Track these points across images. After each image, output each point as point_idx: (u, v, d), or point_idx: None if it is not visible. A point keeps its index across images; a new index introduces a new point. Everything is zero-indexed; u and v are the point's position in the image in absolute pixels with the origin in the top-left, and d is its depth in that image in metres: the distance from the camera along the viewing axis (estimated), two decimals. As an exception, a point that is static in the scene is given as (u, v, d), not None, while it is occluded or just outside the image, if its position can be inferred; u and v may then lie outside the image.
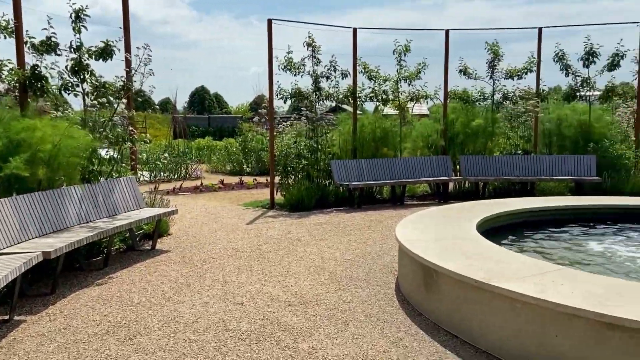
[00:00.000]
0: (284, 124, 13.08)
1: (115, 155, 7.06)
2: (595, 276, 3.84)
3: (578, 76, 11.13)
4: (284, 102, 10.89)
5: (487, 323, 3.69)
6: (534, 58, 11.22)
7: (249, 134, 17.75)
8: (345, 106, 13.69)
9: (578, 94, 11.32)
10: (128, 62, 7.53)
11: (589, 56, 10.79)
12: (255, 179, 14.01)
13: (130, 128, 7.35)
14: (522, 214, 6.71)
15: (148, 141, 8.25)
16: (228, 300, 4.82)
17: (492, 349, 3.64)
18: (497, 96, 11.58)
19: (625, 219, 6.72)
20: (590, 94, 11.43)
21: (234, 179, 14.33)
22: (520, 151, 11.71)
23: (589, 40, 10.75)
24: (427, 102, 12.46)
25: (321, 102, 10.79)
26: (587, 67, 10.94)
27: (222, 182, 13.37)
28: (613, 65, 10.79)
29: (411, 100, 11.36)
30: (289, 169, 10.40)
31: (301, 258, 6.29)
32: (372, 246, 6.82)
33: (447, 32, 11.15)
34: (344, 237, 7.40)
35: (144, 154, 14.74)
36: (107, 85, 6.94)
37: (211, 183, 13.31)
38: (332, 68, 10.49)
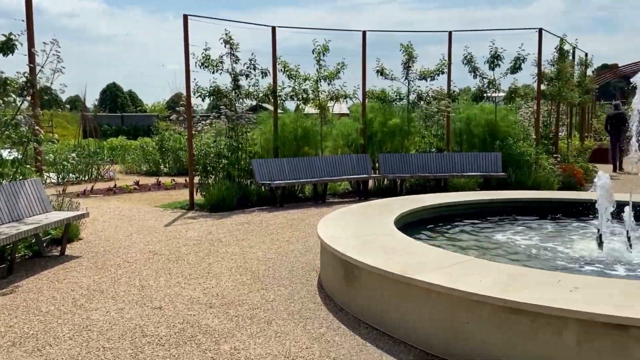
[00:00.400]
0: (203, 122, 12.80)
1: (19, 157, 6.58)
2: (501, 265, 4.11)
3: (485, 78, 11.84)
4: (203, 100, 10.66)
5: (405, 314, 3.83)
6: (445, 60, 11.80)
7: (166, 133, 17.19)
8: (266, 105, 13.67)
9: (485, 94, 12.07)
10: (32, 57, 7.03)
11: (494, 59, 11.51)
12: (174, 180, 13.59)
13: (36, 127, 6.87)
14: (436, 208, 7.03)
15: (55, 141, 7.75)
16: (145, 305, 4.65)
17: (410, 339, 3.79)
18: (412, 96, 12.05)
19: (526, 211, 7.24)
20: (496, 95, 12.20)
21: (150, 180, 13.81)
22: (434, 149, 12.26)
23: (494, 44, 11.47)
24: (346, 101, 12.72)
25: (241, 100, 10.66)
26: (493, 69, 11.66)
27: (137, 183, 12.85)
28: (515, 68, 11.59)
29: (331, 99, 11.54)
30: (209, 168, 10.20)
31: (222, 259, 6.19)
32: (294, 244, 6.86)
33: (364, 33, 11.43)
34: (267, 236, 7.38)
35: (51, 155, 13.82)
36: (8, 82, 6.43)
37: (126, 184, 12.74)
38: (252, 66, 10.41)
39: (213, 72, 10.12)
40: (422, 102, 12.26)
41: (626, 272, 4.68)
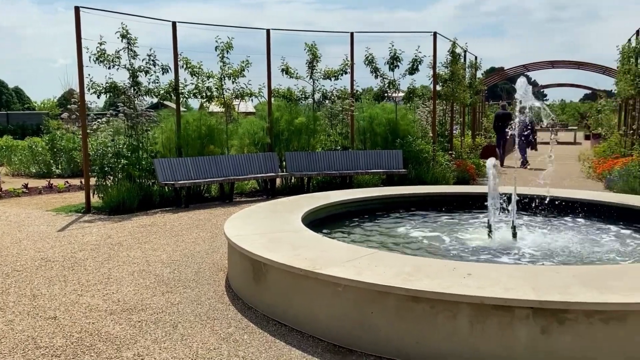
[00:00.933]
0: (99, 120, 12.10)
1: None
2: (403, 257, 4.32)
3: (385, 78, 12.33)
4: (98, 97, 10.05)
5: (314, 309, 3.90)
6: (348, 61, 12.12)
7: (57, 132, 16.03)
8: (167, 102, 13.19)
9: (386, 94, 12.56)
10: None
11: (393, 60, 12.01)
12: (67, 182, 12.70)
13: None
14: (342, 204, 7.22)
15: None
16: (38, 315, 4.32)
17: (318, 333, 3.86)
18: (318, 95, 12.26)
19: (426, 204, 7.65)
20: (396, 95, 12.75)
21: (41, 182, 12.81)
22: (339, 147, 12.56)
23: (393, 46, 11.98)
24: (252, 100, 12.64)
25: (141, 97, 10.21)
26: (392, 70, 12.17)
27: (26, 186, 11.86)
28: (413, 70, 12.17)
29: (236, 97, 11.40)
30: (106, 169, 9.65)
31: (124, 263, 5.90)
32: (201, 245, 6.71)
33: (268, 31, 11.42)
34: (171, 238, 7.14)
35: None
36: None
37: (13, 188, 11.71)
38: (152, 62, 10.01)
39: (109, 68, 9.61)
40: (327, 101, 12.50)
41: (510, 257, 5.11)
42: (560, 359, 3.20)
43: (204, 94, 10.88)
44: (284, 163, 11.60)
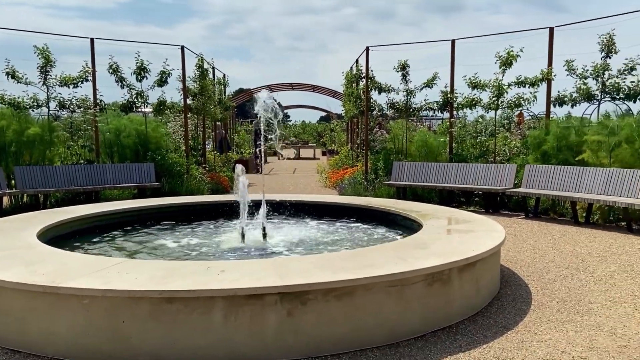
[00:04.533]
0: None
1: None
2: (156, 262, 4.24)
3: (133, 89, 11.84)
4: None
5: (55, 328, 3.51)
6: (89, 67, 11.28)
7: None
8: None
9: (135, 106, 12.05)
10: None
11: (141, 71, 11.62)
12: None
13: None
14: (90, 219, 6.66)
15: None
16: None
17: (62, 354, 3.49)
18: (54, 104, 11.06)
19: (181, 214, 7.59)
20: (146, 109, 12.36)
21: None
22: (82, 161, 11.53)
23: (139, 56, 11.60)
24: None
25: None
26: (140, 81, 11.75)
27: None
28: (162, 82, 11.95)
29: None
30: None
31: None
32: None
33: (-12, 28, 9.87)
34: None
35: None
36: None
37: None
38: None
39: None
40: (65, 111, 11.37)
41: (261, 255, 5.47)
42: (305, 336, 3.57)
43: None
44: (13, 179, 10.09)
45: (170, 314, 3.39)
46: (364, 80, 12.86)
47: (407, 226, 6.47)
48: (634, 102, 9.61)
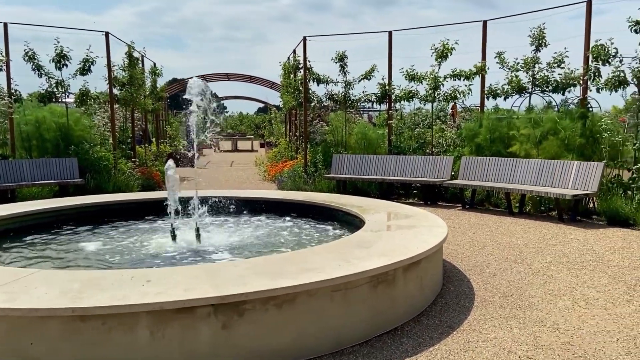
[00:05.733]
0: None
1: None
2: (73, 272, 3.76)
3: (52, 78, 10.94)
4: None
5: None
6: (3, 57, 10.29)
7: None
8: None
9: (54, 96, 11.14)
10: None
11: (60, 59, 10.76)
12: None
13: None
14: (1, 221, 6.00)
15: None
16: None
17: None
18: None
19: (107, 214, 7.02)
20: (69, 99, 11.46)
21: None
22: (-4, 156, 10.55)
23: (58, 42, 10.71)
24: None
25: None
26: (60, 69, 10.88)
27: None
28: (85, 70, 11.11)
29: None
30: None
31: None
32: None
33: None
34: None
35: None
36: None
37: None
38: None
39: None
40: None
41: (193, 260, 5.08)
42: (243, 350, 3.26)
43: None
44: None
45: (86, 333, 2.98)
46: (302, 71, 12.56)
47: (349, 222, 6.28)
48: (563, 94, 9.91)
